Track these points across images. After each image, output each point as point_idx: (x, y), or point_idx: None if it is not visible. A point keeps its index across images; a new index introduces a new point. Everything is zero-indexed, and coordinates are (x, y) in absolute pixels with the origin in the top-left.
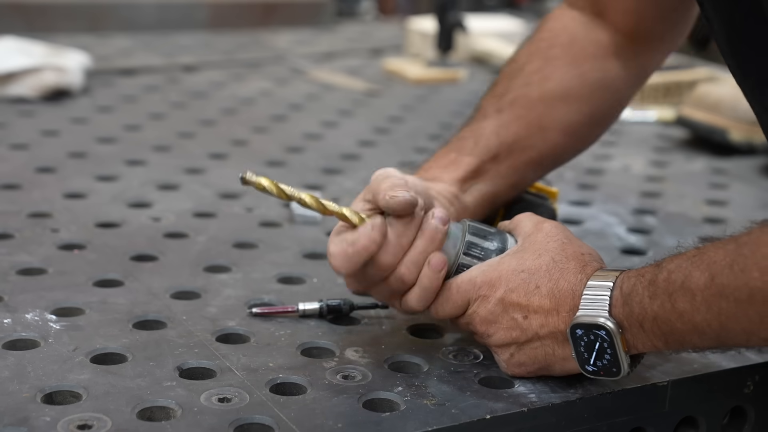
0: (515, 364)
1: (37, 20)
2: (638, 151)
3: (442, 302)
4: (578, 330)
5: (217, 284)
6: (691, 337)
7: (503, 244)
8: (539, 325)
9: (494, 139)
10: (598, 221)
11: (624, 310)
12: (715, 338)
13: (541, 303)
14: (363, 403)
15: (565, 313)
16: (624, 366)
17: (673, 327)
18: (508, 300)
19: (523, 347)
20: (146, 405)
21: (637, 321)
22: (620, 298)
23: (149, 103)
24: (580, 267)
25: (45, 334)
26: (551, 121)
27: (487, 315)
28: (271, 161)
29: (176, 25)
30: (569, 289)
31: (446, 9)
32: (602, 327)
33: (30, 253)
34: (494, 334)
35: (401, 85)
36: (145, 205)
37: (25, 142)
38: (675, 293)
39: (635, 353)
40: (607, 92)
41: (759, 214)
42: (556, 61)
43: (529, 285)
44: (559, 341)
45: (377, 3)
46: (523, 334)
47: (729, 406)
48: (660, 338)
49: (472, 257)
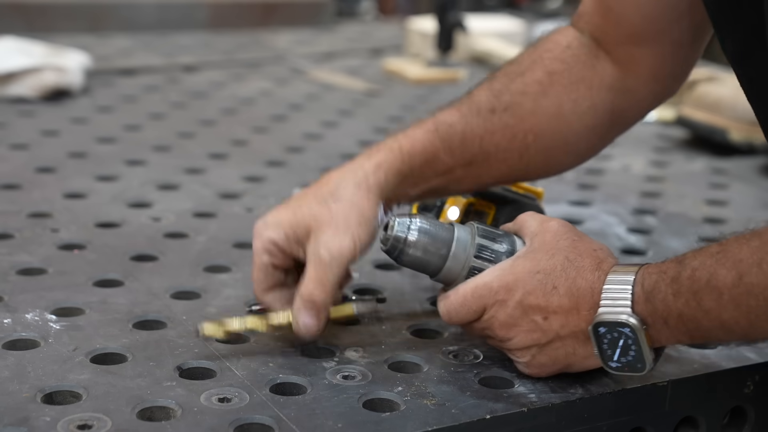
0: (536, 366)
1: (37, 20)
2: (638, 151)
3: (456, 308)
4: (601, 328)
5: (217, 284)
6: (717, 333)
7: (512, 245)
8: (560, 326)
9: (477, 143)
10: (598, 221)
11: (647, 307)
12: (743, 335)
13: (560, 303)
14: (363, 403)
15: (586, 311)
16: (649, 361)
17: (699, 324)
18: (526, 303)
19: (544, 348)
20: (146, 405)
21: (661, 318)
22: (642, 295)
23: (149, 103)
24: (596, 264)
25: (45, 334)
26: (535, 140)
27: (506, 319)
28: (271, 161)
29: (176, 25)
30: (588, 287)
31: (446, 9)
32: (626, 324)
33: (30, 253)
34: (514, 337)
35: (401, 85)
36: (145, 205)
37: (25, 142)
38: (700, 291)
39: (658, 347)
40: (596, 119)
41: (759, 214)
42: (556, 77)
43: (547, 286)
44: (580, 340)
45: (377, 3)
46: (544, 335)
47: (729, 406)
48: (685, 334)
49: (483, 260)
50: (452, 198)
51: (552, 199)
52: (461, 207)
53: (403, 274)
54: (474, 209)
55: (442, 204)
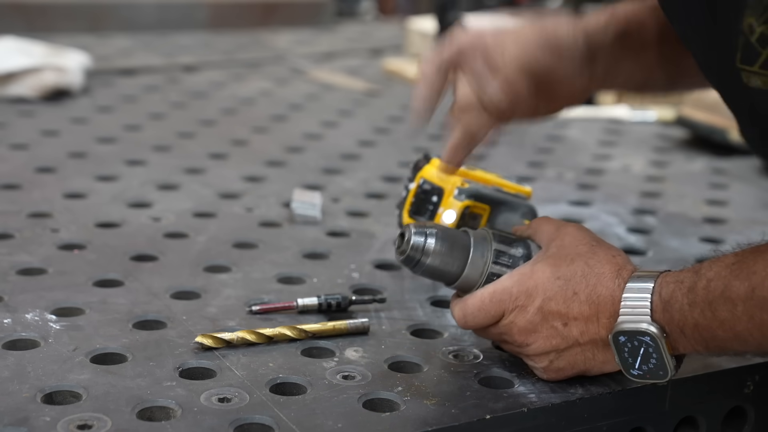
0: (554, 371)
1: (37, 20)
2: (638, 151)
3: (474, 313)
4: (621, 337)
5: (217, 284)
6: (732, 343)
7: (528, 250)
8: (579, 333)
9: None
10: (598, 221)
11: (664, 317)
12: (757, 346)
13: (580, 310)
14: (363, 403)
15: (606, 319)
16: (671, 368)
17: (714, 334)
18: (547, 309)
19: (563, 354)
20: (146, 405)
21: (678, 327)
22: (660, 304)
23: (149, 103)
24: (616, 271)
25: (45, 334)
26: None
27: (526, 325)
28: (271, 161)
29: (176, 25)
30: (608, 295)
31: (446, 9)
32: (646, 333)
33: (30, 253)
34: (533, 343)
35: (401, 85)
36: (145, 205)
37: (25, 142)
38: (715, 302)
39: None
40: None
41: (759, 214)
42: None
43: (567, 292)
44: (600, 347)
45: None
46: (564, 341)
47: (729, 406)
48: (701, 343)
49: (501, 266)
50: (447, 201)
51: (552, 199)
52: (458, 210)
53: (404, 274)
54: (470, 212)
55: (435, 207)
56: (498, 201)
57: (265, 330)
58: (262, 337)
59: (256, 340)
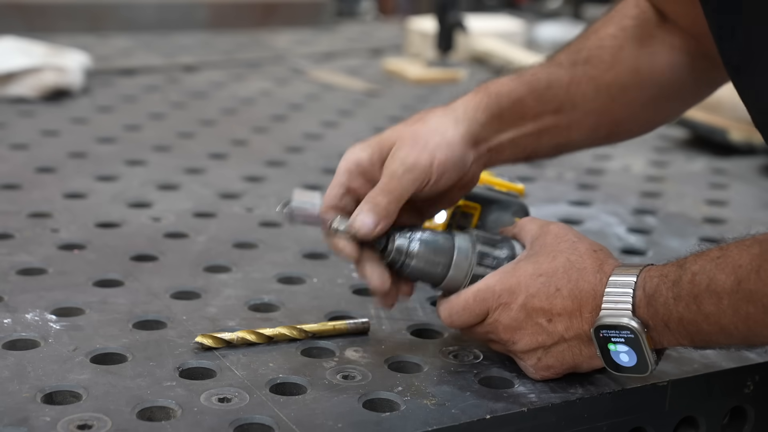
0: (543, 368)
1: (37, 20)
2: (638, 151)
3: (459, 312)
4: (603, 331)
5: (217, 284)
6: (717, 337)
7: (512, 250)
8: (564, 328)
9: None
10: (598, 221)
11: (648, 311)
12: (743, 339)
13: (564, 305)
14: (363, 403)
15: (588, 314)
16: (651, 363)
17: (699, 328)
18: (530, 305)
19: (550, 350)
20: (146, 405)
21: (663, 321)
22: (644, 299)
23: (149, 103)
24: (597, 265)
25: (45, 334)
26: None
27: (510, 322)
28: (271, 161)
29: (176, 25)
30: (590, 289)
31: (446, 9)
32: (627, 327)
33: (30, 253)
34: (519, 340)
35: (401, 85)
36: (145, 205)
37: (25, 142)
38: (700, 296)
39: (660, 348)
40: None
41: (759, 214)
42: (628, 31)
43: (549, 288)
44: (585, 342)
45: (377, 3)
46: (549, 337)
47: (729, 406)
48: (686, 337)
49: (485, 267)
50: None
51: (552, 199)
52: (448, 210)
53: None
54: (461, 211)
55: None
56: (489, 200)
57: (265, 330)
58: (262, 337)
59: (256, 340)
